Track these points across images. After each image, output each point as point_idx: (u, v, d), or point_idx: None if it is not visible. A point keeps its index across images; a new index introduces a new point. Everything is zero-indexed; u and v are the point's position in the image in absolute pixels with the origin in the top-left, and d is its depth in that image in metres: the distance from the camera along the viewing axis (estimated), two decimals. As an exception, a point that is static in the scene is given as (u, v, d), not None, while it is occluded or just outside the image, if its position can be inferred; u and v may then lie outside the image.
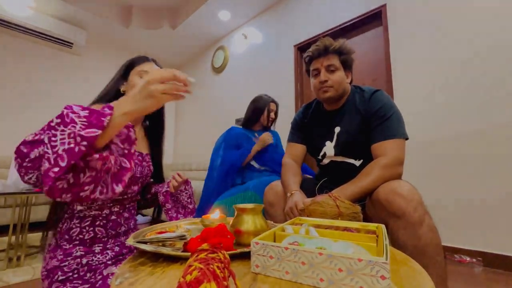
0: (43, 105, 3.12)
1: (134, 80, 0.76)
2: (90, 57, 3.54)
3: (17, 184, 1.54)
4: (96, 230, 0.68)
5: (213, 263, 0.28)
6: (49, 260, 0.63)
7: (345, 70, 0.97)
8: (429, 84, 1.75)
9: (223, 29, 3.53)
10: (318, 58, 0.96)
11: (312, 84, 1.01)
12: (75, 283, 0.61)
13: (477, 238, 1.48)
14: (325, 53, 0.94)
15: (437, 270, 0.60)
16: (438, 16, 1.76)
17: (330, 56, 0.94)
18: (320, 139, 1.03)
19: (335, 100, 0.98)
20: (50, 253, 0.65)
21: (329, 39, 0.96)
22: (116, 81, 0.78)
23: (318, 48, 0.95)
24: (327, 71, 0.94)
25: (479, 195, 1.49)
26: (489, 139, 1.49)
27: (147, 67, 0.78)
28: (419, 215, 0.62)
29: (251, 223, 0.52)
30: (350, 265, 0.31)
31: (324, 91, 0.95)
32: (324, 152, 1.01)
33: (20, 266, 1.48)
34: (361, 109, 0.94)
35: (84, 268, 0.63)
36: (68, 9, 3.05)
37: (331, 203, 0.81)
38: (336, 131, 0.99)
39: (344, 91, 0.98)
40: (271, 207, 0.98)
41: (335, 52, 0.94)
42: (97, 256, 0.66)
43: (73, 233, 0.66)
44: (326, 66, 0.94)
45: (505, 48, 1.48)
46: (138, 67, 0.78)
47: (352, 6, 2.26)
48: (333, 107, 1.03)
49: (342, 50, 0.95)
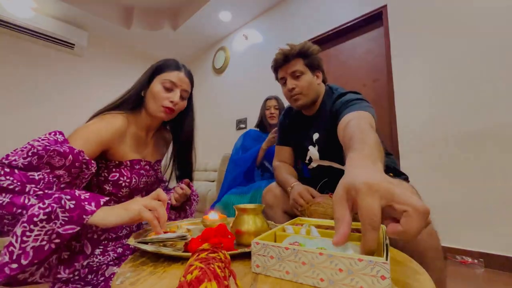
0: (44, 106, 3.13)
1: (155, 88, 0.72)
2: (91, 58, 3.55)
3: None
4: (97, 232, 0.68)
5: (213, 263, 0.29)
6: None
7: (313, 72, 0.94)
8: (430, 84, 1.75)
9: (224, 30, 3.53)
10: (282, 66, 0.95)
11: (283, 93, 1.00)
12: (77, 284, 0.61)
13: (479, 239, 1.48)
14: (287, 60, 0.93)
15: (436, 275, 0.60)
16: (438, 16, 1.76)
17: (293, 62, 0.92)
18: (303, 143, 1.02)
19: (308, 105, 0.96)
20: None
21: (289, 44, 0.93)
22: (141, 85, 0.74)
23: (279, 57, 0.94)
24: (292, 78, 0.93)
25: (481, 195, 1.49)
26: (490, 139, 1.49)
27: (174, 76, 0.73)
28: None
29: (252, 223, 0.53)
30: (350, 265, 0.31)
31: (295, 99, 0.94)
32: (309, 157, 1.00)
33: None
34: (332, 111, 0.88)
35: (85, 270, 0.62)
36: (69, 10, 3.06)
37: (332, 204, 0.81)
38: (314, 137, 0.97)
39: (317, 93, 0.96)
40: (270, 209, 0.97)
41: (297, 56, 0.92)
42: (98, 257, 0.66)
43: None
44: (291, 73, 0.93)
45: (506, 49, 1.48)
46: (165, 74, 0.73)
47: (353, 7, 2.26)
48: (309, 112, 1.01)
49: (303, 52, 0.92)
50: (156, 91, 0.71)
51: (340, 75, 2.34)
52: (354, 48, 2.31)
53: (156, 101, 0.71)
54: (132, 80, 0.78)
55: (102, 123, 0.65)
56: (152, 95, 0.71)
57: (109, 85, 3.66)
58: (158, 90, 0.71)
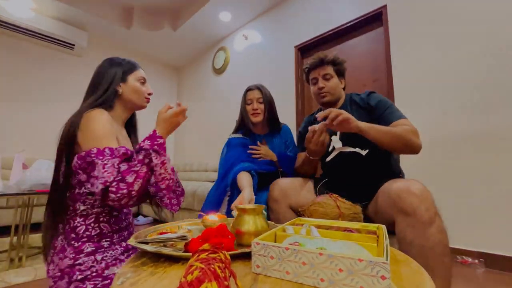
0: (45, 106, 3.14)
1: (135, 84, 0.85)
2: (91, 58, 3.55)
3: (19, 185, 1.54)
4: (101, 226, 0.70)
5: (214, 263, 0.29)
6: (59, 261, 0.65)
7: (339, 78, 1.13)
8: (430, 85, 1.75)
9: (224, 30, 3.53)
10: (315, 69, 1.12)
11: (312, 91, 1.17)
12: (94, 281, 0.62)
13: (480, 239, 1.48)
14: (321, 64, 1.10)
15: (443, 272, 0.60)
16: (438, 16, 1.76)
17: (325, 67, 1.10)
18: None
19: (332, 104, 1.12)
20: (59, 254, 0.66)
21: (323, 52, 1.12)
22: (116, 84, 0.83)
23: (315, 61, 1.11)
24: (323, 79, 1.10)
25: (481, 195, 1.49)
26: (490, 139, 1.49)
27: (143, 74, 0.89)
28: (430, 216, 0.62)
29: (252, 223, 0.53)
30: (350, 265, 0.31)
31: (322, 96, 1.10)
32: (332, 146, 1.06)
33: (22, 266, 1.49)
34: (361, 104, 1.05)
35: (101, 266, 0.65)
36: (69, 11, 3.06)
37: (332, 204, 0.81)
38: None
39: (339, 96, 1.13)
40: (275, 203, 0.99)
41: (329, 63, 1.10)
42: (109, 252, 0.68)
43: (79, 231, 0.68)
44: (322, 75, 1.10)
45: (506, 49, 1.48)
46: (135, 72, 0.87)
47: (353, 7, 2.26)
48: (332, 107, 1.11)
49: (335, 61, 1.10)
50: (137, 87, 0.85)
51: (340, 75, 2.34)
52: (354, 48, 2.31)
53: (140, 94, 0.86)
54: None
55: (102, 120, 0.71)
56: (133, 90, 0.84)
57: (109, 85, 3.66)
58: (138, 85, 0.85)
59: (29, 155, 2.60)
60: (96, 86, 0.82)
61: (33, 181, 1.55)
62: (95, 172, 0.62)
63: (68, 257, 0.64)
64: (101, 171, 0.61)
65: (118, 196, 0.60)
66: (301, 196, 1.00)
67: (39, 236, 2.23)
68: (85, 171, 0.64)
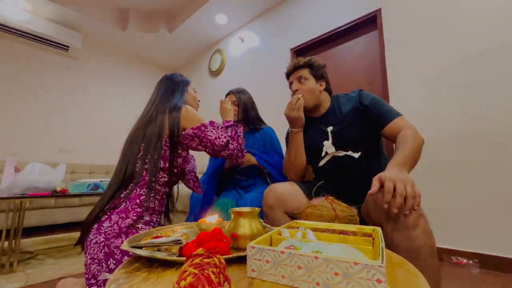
0: (39, 109, 3.09)
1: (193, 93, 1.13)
2: (86, 60, 3.52)
3: (11, 188, 1.51)
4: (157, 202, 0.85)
5: (208, 268, 0.28)
6: (119, 219, 0.73)
7: (317, 80, 1.10)
8: (424, 87, 1.77)
9: (220, 33, 3.54)
10: (291, 73, 1.15)
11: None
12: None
13: (474, 239, 1.49)
14: (295, 69, 1.13)
15: (430, 273, 0.60)
16: (432, 19, 1.79)
17: (300, 70, 1.11)
18: (318, 140, 1.08)
19: (310, 108, 1.10)
20: (121, 213, 0.74)
21: (298, 58, 1.15)
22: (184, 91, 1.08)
23: (289, 66, 1.16)
24: (298, 82, 1.11)
25: (476, 196, 1.50)
26: (486, 141, 1.50)
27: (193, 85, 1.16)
28: (414, 218, 0.62)
29: (248, 227, 0.52)
30: (346, 269, 0.31)
31: None
32: (325, 152, 1.05)
33: (13, 272, 1.45)
34: (352, 104, 1.03)
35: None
36: (64, 12, 3.04)
37: (328, 206, 0.81)
38: (329, 130, 1.05)
39: (319, 98, 1.10)
40: (270, 210, 0.97)
41: (304, 66, 1.11)
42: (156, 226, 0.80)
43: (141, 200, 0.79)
44: (297, 78, 1.11)
45: (500, 50, 1.51)
46: (191, 84, 1.14)
47: (348, 10, 2.28)
48: (317, 113, 1.12)
49: (310, 63, 1.11)
50: (194, 95, 1.13)
51: (335, 77, 2.35)
52: (349, 51, 2.33)
53: (195, 100, 1.14)
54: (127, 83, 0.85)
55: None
56: (192, 97, 1.11)
57: (104, 87, 3.64)
58: (194, 94, 1.13)
59: (21, 158, 2.56)
60: (171, 93, 1.02)
61: (25, 184, 1.52)
62: (211, 135, 0.87)
63: (130, 218, 0.73)
64: (217, 133, 0.88)
65: (235, 147, 0.94)
66: (296, 201, 0.97)
67: (31, 241, 2.19)
68: (199, 137, 0.86)
